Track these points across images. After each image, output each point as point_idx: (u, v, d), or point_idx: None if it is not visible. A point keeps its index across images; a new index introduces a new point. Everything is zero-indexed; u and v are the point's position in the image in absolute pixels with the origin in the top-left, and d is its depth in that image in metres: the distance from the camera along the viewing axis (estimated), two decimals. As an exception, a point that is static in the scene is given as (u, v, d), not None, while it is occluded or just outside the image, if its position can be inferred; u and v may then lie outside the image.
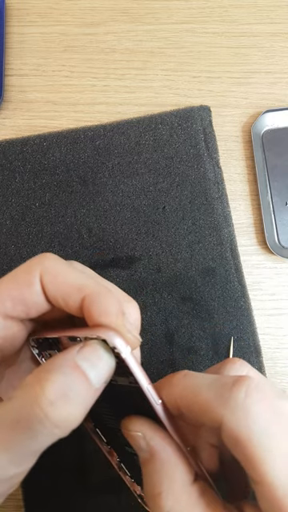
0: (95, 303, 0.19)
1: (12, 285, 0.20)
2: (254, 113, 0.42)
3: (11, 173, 0.39)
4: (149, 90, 0.43)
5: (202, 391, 0.19)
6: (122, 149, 0.40)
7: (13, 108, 0.42)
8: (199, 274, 0.38)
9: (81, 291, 0.20)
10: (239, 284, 0.38)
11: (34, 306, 0.20)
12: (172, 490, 0.19)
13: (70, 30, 0.44)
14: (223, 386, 0.19)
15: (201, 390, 0.20)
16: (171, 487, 0.19)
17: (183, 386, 0.20)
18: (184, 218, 0.39)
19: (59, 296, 0.20)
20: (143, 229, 0.38)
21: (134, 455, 0.22)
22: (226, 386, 0.19)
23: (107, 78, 0.43)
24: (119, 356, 0.19)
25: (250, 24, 0.44)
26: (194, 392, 0.20)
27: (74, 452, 0.35)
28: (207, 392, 0.19)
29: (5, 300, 0.20)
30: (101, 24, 0.44)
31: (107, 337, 0.19)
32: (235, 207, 0.40)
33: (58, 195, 0.39)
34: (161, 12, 0.44)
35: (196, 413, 0.19)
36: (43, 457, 0.36)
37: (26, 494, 0.34)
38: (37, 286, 0.20)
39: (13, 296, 0.20)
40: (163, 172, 0.39)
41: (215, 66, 0.43)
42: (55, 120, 0.42)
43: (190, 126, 0.40)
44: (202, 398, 0.19)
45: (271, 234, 0.39)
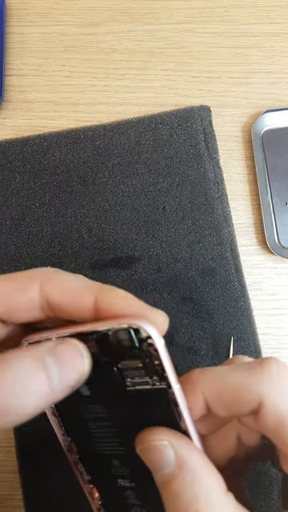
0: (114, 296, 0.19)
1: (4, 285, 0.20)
2: (254, 113, 0.42)
3: (11, 173, 0.39)
4: (149, 89, 0.43)
5: (230, 377, 0.19)
6: (122, 149, 0.40)
7: (13, 108, 0.42)
8: (199, 274, 0.38)
9: (91, 290, 0.19)
10: (239, 284, 0.38)
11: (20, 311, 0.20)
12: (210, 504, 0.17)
13: (70, 30, 0.44)
14: (251, 367, 0.18)
15: (229, 375, 0.19)
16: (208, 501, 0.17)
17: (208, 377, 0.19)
18: (184, 218, 0.39)
19: (67, 300, 0.19)
20: (143, 229, 0.38)
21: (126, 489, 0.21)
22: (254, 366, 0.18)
23: (107, 78, 0.43)
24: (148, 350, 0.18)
25: (250, 24, 0.44)
26: (222, 379, 0.19)
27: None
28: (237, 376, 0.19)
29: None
30: (101, 24, 0.44)
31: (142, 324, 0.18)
32: (235, 207, 0.40)
33: (58, 195, 0.39)
34: (161, 12, 0.44)
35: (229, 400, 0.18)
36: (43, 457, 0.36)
37: (26, 494, 0.34)
38: (33, 292, 0.19)
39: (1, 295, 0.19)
40: (163, 172, 0.39)
41: (215, 65, 0.43)
42: (55, 120, 0.42)
43: (190, 126, 0.40)
44: (234, 382, 0.18)
45: (271, 234, 0.39)
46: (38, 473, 0.35)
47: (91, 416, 0.21)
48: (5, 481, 0.36)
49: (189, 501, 0.17)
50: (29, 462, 0.35)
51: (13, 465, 0.36)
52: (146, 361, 0.19)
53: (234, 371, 0.19)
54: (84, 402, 0.21)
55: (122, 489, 0.22)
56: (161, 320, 0.19)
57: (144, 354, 0.19)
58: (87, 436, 0.22)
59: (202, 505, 0.17)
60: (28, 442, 0.35)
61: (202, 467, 0.18)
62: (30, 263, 0.38)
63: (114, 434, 0.21)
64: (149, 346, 0.18)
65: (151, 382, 0.19)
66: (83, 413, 0.21)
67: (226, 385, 0.19)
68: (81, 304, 0.19)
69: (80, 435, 0.22)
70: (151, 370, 0.19)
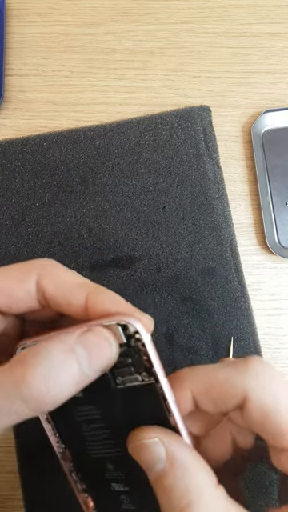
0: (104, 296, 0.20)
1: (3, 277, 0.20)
2: (254, 113, 0.42)
3: (11, 173, 0.39)
4: (149, 90, 0.43)
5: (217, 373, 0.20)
6: (122, 149, 0.40)
7: (13, 108, 0.42)
8: (199, 274, 0.38)
9: (84, 288, 0.20)
10: (239, 284, 0.38)
11: (19, 302, 0.20)
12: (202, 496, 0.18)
13: (70, 30, 0.44)
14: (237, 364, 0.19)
15: (215, 372, 0.20)
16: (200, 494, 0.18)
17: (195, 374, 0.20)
18: (184, 217, 0.39)
19: (61, 295, 0.20)
20: (143, 229, 0.38)
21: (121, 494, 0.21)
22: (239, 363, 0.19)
23: (107, 77, 0.43)
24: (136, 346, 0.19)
25: (250, 24, 0.44)
26: (210, 375, 0.20)
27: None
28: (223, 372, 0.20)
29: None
30: (101, 24, 0.44)
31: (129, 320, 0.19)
32: (235, 207, 0.40)
33: (57, 195, 0.39)
34: (161, 12, 0.44)
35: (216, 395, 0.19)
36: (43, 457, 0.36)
37: (26, 494, 0.34)
38: (30, 284, 0.20)
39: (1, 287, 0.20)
40: (163, 172, 0.39)
41: (215, 65, 0.43)
42: (55, 120, 0.42)
43: (190, 126, 0.40)
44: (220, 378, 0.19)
45: (271, 234, 0.39)
46: (38, 473, 0.35)
47: (85, 418, 0.21)
48: (5, 481, 0.36)
49: (181, 494, 0.18)
50: (29, 462, 0.35)
51: (13, 465, 0.36)
52: (134, 357, 0.20)
53: (220, 368, 0.20)
54: (77, 404, 0.21)
55: (117, 494, 0.22)
56: (147, 320, 0.20)
57: (132, 350, 0.19)
58: (81, 441, 0.22)
59: (194, 497, 0.18)
60: (28, 442, 0.35)
61: (192, 462, 0.19)
62: (30, 263, 0.38)
63: (107, 436, 0.21)
64: (136, 342, 0.19)
65: (140, 378, 0.20)
66: (77, 416, 0.21)
67: (213, 380, 0.20)
68: (73, 300, 0.20)
69: (74, 441, 0.22)
70: (140, 365, 0.20)
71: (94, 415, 0.21)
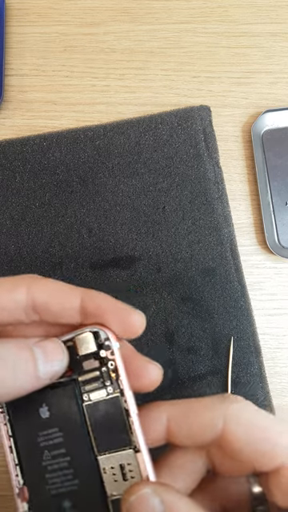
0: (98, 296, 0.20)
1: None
2: (253, 113, 0.42)
3: (11, 173, 0.39)
4: (149, 89, 0.43)
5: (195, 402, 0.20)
6: (122, 149, 0.40)
7: (13, 108, 0.42)
8: (199, 274, 0.38)
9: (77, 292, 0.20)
10: (239, 284, 0.38)
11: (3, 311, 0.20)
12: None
13: (69, 29, 0.44)
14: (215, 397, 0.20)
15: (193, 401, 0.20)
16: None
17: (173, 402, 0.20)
18: (184, 218, 0.39)
19: (54, 301, 0.20)
20: (143, 229, 0.38)
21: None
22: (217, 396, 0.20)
23: (107, 77, 0.43)
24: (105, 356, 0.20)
25: (250, 24, 0.44)
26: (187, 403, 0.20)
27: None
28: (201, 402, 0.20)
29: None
30: (101, 24, 0.44)
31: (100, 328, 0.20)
32: (235, 207, 0.40)
33: (57, 195, 0.39)
34: (161, 12, 0.44)
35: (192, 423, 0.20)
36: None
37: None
38: (19, 293, 0.20)
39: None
40: (163, 172, 0.39)
41: (215, 65, 0.43)
42: (55, 120, 0.42)
43: (190, 125, 0.40)
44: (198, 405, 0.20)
45: (271, 234, 0.39)
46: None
47: (48, 444, 0.21)
48: (5, 480, 0.36)
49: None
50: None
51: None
52: (102, 369, 0.20)
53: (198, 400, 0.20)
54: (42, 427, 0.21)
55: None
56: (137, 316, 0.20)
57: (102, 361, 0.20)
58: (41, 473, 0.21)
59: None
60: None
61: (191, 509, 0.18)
62: (29, 263, 0.38)
63: (68, 464, 0.20)
64: (106, 350, 0.20)
65: (106, 392, 0.20)
66: (40, 441, 0.21)
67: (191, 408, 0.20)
68: (68, 304, 0.20)
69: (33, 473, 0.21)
70: (107, 377, 0.20)
71: (56, 439, 0.20)
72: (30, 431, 0.21)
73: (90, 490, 0.20)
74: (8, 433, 0.21)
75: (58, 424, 0.20)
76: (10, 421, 0.21)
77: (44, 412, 0.20)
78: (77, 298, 0.20)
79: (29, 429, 0.20)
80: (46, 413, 0.20)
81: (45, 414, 0.20)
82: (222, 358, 0.36)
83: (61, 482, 0.20)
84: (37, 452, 0.21)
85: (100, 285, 0.38)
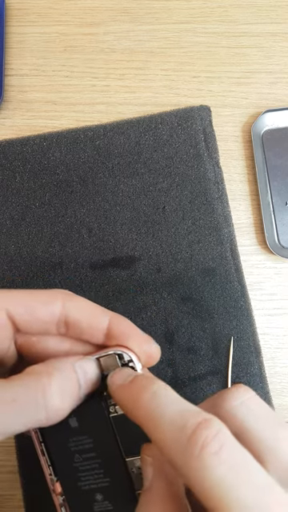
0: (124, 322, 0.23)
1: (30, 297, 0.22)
2: (253, 113, 0.42)
3: (11, 173, 0.39)
4: (149, 89, 0.43)
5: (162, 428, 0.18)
6: (122, 149, 0.40)
7: (13, 108, 0.42)
8: (199, 274, 0.38)
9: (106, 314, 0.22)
10: (239, 284, 0.38)
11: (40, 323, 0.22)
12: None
13: (69, 29, 0.44)
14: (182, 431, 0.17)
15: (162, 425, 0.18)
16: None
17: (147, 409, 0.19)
18: (184, 218, 0.39)
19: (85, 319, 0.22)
20: (143, 229, 0.38)
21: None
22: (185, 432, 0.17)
23: (107, 77, 0.43)
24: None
25: (250, 24, 0.44)
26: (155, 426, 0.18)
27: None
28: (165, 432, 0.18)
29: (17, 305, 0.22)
30: (101, 24, 0.44)
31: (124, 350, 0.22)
32: (235, 207, 0.40)
33: (57, 195, 0.39)
34: (161, 12, 0.44)
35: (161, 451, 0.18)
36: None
37: (26, 494, 0.34)
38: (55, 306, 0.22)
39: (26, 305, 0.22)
40: (163, 172, 0.39)
41: (215, 65, 0.43)
42: (55, 120, 0.42)
43: (190, 125, 0.40)
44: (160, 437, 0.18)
45: (271, 234, 0.39)
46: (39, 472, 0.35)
47: (78, 448, 0.23)
48: (5, 481, 0.36)
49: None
50: (29, 462, 0.35)
51: (13, 465, 0.36)
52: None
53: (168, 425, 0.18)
54: (72, 435, 0.23)
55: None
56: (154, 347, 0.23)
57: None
58: (73, 472, 0.23)
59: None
60: (28, 442, 0.35)
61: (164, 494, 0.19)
62: (29, 263, 0.38)
63: (98, 466, 0.22)
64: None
65: None
66: (71, 446, 0.23)
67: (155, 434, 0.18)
68: (96, 324, 0.22)
69: (66, 473, 0.23)
70: None
71: (86, 445, 0.22)
72: (60, 437, 0.23)
73: (120, 485, 0.22)
74: (39, 438, 0.23)
75: (87, 432, 0.22)
76: (39, 429, 0.23)
77: (73, 422, 0.22)
78: (105, 320, 0.22)
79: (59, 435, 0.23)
80: (75, 423, 0.22)
81: (74, 424, 0.22)
82: (222, 358, 0.36)
83: (93, 479, 0.23)
84: (68, 455, 0.23)
85: (100, 285, 0.38)
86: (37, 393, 0.20)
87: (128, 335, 0.22)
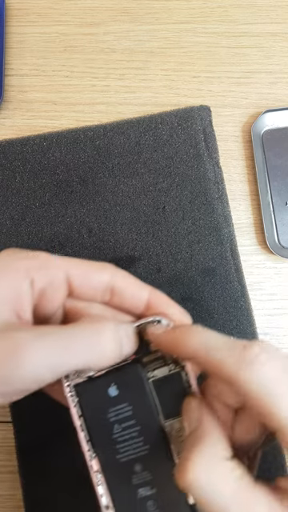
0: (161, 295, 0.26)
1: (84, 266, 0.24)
2: (253, 113, 0.42)
3: (11, 173, 0.39)
4: (149, 89, 0.43)
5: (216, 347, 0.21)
6: (122, 149, 0.40)
7: (13, 108, 0.42)
8: (199, 274, 0.38)
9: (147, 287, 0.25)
10: (239, 284, 0.38)
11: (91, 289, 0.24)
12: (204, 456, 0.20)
13: (69, 29, 0.44)
14: (236, 346, 0.21)
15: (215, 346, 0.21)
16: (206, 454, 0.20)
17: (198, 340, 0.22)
18: (184, 218, 0.39)
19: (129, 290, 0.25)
20: (143, 229, 0.38)
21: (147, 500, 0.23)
22: (238, 346, 0.20)
23: (107, 77, 0.43)
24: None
25: (250, 24, 0.44)
26: (209, 347, 0.21)
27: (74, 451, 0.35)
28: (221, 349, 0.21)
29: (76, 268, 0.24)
30: (101, 24, 0.44)
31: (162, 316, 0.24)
32: (235, 207, 0.40)
33: (57, 195, 0.39)
34: (161, 12, 0.44)
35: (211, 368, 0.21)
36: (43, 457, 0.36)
37: (26, 494, 0.34)
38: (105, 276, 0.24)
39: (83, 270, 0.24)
40: (163, 172, 0.39)
41: (215, 65, 0.43)
42: (55, 120, 0.42)
43: (190, 125, 0.40)
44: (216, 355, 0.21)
45: (271, 234, 0.39)
46: (38, 473, 0.35)
47: (117, 418, 0.24)
48: (5, 481, 0.36)
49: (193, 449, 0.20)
50: (29, 462, 0.35)
51: (13, 465, 0.36)
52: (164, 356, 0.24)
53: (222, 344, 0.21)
54: (112, 404, 0.24)
55: (144, 501, 0.23)
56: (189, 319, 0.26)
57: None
58: (111, 445, 0.23)
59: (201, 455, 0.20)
60: (28, 442, 0.35)
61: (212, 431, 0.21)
62: (29, 263, 0.38)
63: (138, 433, 0.23)
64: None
65: (168, 369, 0.24)
66: (110, 417, 0.24)
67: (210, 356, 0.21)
68: (139, 294, 0.25)
69: (104, 445, 0.24)
70: (168, 357, 0.24)
71: (125, 413, 0.23)
72: (100, 409, 0.24)
73: (159, 452, 0.23)
74: (78, 413, 0.24)
75: (127, 399, 0.24)
76: (79, 402, 0.24)
77: (113, 391, 0.24)
78: (146, 292, 0.25)
79: (99, 407, 0.24)
80: (115, 391, 0.24)
81: (114, 393, 0.24)
82: (222, 358, 0.36)
83: (131, 449, 0.24)
84: (107, 427, 0.24)
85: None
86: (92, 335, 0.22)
87: (167, 305, 0.25)
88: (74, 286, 0.24)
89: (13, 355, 0.20)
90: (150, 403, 0.24)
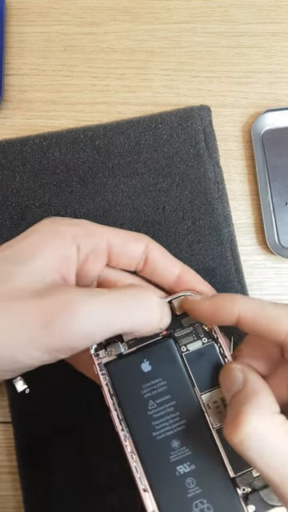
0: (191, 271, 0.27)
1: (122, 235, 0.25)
2: (254, 112, 0.42)
3: (11, 172, 0.39)
4: (149, 89, 0.43)
5: (265, 308, 0.22)
6: (121, 148, 0.40)
7: (13, 108, 0.42)
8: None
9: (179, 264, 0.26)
10: (239, 284, 0.38)
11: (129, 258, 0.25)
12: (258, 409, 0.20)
13: (69, 29, 0.44)
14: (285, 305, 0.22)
15: (264, 307, 0.22)
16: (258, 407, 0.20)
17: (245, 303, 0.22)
18: (184, 217, 0.39)
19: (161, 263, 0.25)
20: (143, 229, 0.38)
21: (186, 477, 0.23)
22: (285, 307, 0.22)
23: (107, 77, 0.43)
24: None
25: (250, 24, 0.44)
26: (258, 309, 0.22)
27: (75, 451, 0.35)
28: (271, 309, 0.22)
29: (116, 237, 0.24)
30: (101, 23, 0.44)
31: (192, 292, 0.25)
32: (235, 207, 0.40)
33: (57, 195, 0.39)
34: (161, 12, 0.44)
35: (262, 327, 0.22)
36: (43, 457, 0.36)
37: (26, 494, 0.34)
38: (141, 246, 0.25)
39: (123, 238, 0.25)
40: (163, 172, 0.39)
41: (215, 65, 0.43)
42: (55, 120, 0.42)
43: (190, 125, 0.40)
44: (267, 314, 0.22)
45: (271, 234, 0.39)
46: (38, 472, 0.35)
47: (152, 394, 0.23)
48: (5, 481, 0.36)
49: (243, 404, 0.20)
50: (29, 462, 0.35)
51: (13, 465, 0.35)
52: (195, 324, 0.25)
53: (270, 305, 0.22)
54: (145, 380, 0.24)
55: (182, 479, 0.23)
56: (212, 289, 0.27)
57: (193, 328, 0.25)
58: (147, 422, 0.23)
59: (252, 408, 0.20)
60: (28, 443, 0.35)
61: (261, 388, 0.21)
62: (29, 263, 0.38)
63: (173, 409, 0.23)
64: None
65: (201, 342, 0.24)
66: (144, 393, 0.23)
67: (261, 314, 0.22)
68: (172, 267, 0.26)
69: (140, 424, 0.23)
70: (200, 331, 0.24)
71: (160, 388, 0.23)
72: (133, 386, 0.23)
73: (197, 426, 0.23)
74: (110, 392, 0.24)
75: (161, 374, 0.24)
76: (110, 381, 0.24)
77: (146, 366, 0.24)
78: (178, 267, 0.26)
79: (132, 384, 0.23)
80: (148, 367, 0.24)
81: (147, 368, 0.24)
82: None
83: (168, 425, 0.23)
84: (141, 404, 0.23)
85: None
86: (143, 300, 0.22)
87: (197, 282, 0.26)
88: (112, 255, 0.25)
89: (66, 308, 0.20)
90: (184, 376, 0.24)
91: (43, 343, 0.19)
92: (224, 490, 0.22)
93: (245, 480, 0.23)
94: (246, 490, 0.23)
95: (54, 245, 0.23)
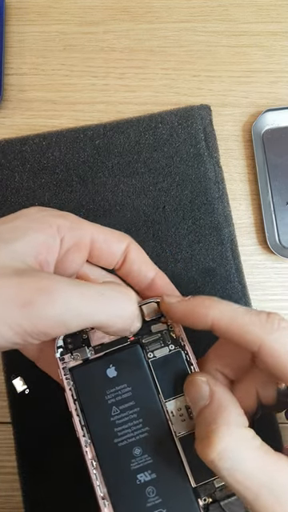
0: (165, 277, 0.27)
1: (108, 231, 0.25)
2: (254, 112, 0.42)
3: (10, 172, 0.39)
4: (149, 88, 0.42)
5: (239, 316, 0.22)
6: (121, 148, 0.40)
7: (12, 107, 0.42)
8: (199, 274, 0.38)
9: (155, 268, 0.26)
10: (239, 284, 0.38)
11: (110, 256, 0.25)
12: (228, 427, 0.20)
13: (69, 28, 0.44)
14: (259, 314, 0.22)
15: (238, 315, 0.22)
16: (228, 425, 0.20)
17: (220, 309, 0.22)
18: (184, 217, 0.39)
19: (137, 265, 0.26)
20: (143, 229, 0.38)
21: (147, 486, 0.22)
22: (261, 314, 0.22)
23: (107, 76, 0.43)
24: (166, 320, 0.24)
25: (251, 23, 0.44)
26: (232, 316, 0.22)
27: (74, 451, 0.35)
28: (245, 317, 0.22)
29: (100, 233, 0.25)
30: (100, 23, 0.44)
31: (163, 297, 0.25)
32: (236, 207, 0.40)
33: (57, 195, 0.39)
34: (161, 11, 0.44)
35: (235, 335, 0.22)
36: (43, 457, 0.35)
37: (26, 494, 0.34)
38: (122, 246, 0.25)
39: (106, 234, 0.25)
40: (163, 171, 0.39)
41: (215, 64, 0.43)
42: (55, 119, 0.42)
43: (191, 125, 0.40)
44: (241, 322, 0.22)
45: (272, 234, 0.39)
46: (38, 473, 0.35)
47: (115, 400, 0.23)
48: (5, 481, 0.36)
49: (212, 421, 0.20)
50: (29, 462, 0.35)
51: (13, 465, 0.35)
52: (163, 331, 0.24)
53: (244, 314, 0.22)
54: (110, 386, 0.23)
55: (143, 487, 0.23)
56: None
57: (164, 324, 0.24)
58: (109, 428, 0.23)
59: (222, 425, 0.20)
60: (28, 442, 0.35)
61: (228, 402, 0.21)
62: (29, 263, 0.38)
63: (136, 415, 0.23)
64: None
65: (168, 349, 0.24)
66: (108, 399, 0.23)
67: (235, 322, 0.22)
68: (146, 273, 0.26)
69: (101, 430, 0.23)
70: (168, 337, 0.24)
71: (124, 394, 0.23)
72: (97, 392, 0.23)
73: (160, 433, 0.23)
74: (73, 397, 0.23)
75: (126, 380, 0.23)
76: (74, 385, 0.23)
77: (111, 372, 0.23)
78: (153, 272, 0.26)
79: (96, 390, 0.23)
80: (113, 372, 0.24)
81: (112, 374, 0.23)
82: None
83: (130, 432, 0.23)
84: (104, 410, 0.23)
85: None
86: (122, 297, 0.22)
87: (168, 290, 0.26)
88: (94, 250, 0.25)
89: (46, 292, 0.20)
90: (149, 383, 0.23)
91: (17, 323, 0.19)
92: (184, 499, 0.22)
93: (206, 490, 0.22)
94: (207, 501, 0.22)
95: (38, 231, 0.23)
